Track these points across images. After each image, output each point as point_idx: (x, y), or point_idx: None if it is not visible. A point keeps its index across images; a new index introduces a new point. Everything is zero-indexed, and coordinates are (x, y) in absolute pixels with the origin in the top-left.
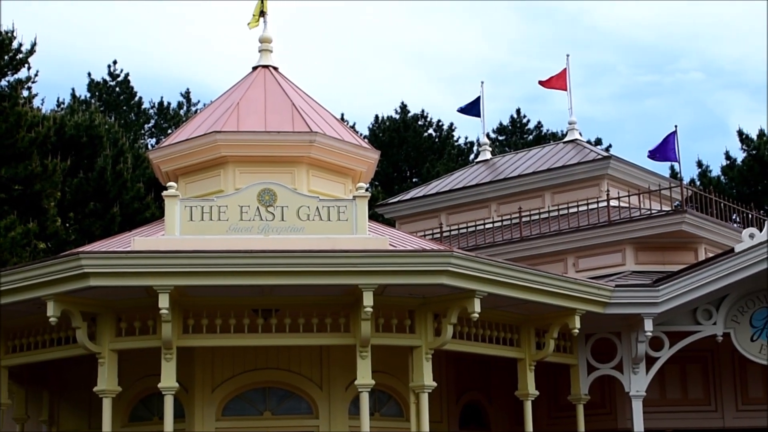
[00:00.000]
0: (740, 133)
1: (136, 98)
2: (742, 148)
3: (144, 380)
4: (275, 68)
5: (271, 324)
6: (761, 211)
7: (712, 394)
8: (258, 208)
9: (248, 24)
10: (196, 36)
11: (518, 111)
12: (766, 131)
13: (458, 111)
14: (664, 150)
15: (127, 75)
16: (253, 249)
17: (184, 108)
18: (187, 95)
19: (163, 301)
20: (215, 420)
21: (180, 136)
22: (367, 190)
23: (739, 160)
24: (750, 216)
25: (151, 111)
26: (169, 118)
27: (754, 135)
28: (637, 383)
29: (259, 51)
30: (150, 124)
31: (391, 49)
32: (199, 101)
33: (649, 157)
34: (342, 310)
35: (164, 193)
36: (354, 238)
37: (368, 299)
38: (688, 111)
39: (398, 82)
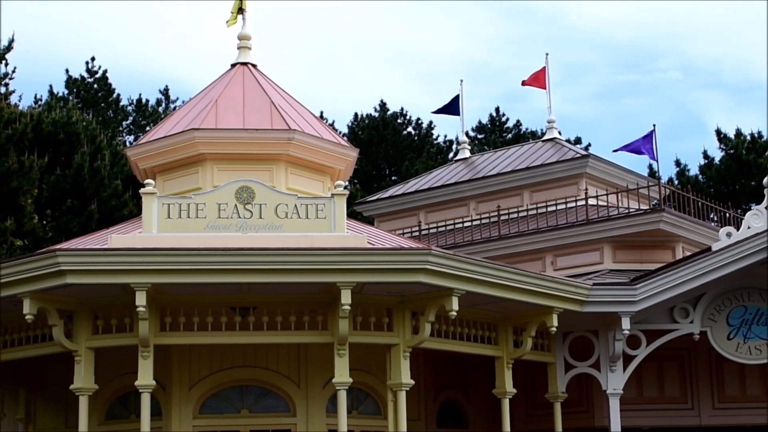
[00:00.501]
0: (718, 132)
1: (114, 95)
2: (720, 148)
3: (121, 378)
4: (254, 65)
5: (249, 322)
6: (738, 210)
7: (689, 392)
8: (236, 205)
9: (227, 21)
10: (175, 33)
11: (497, 109)
12: (743, 131)
13: (434, 113)
14: (642, 147)
15: (105, 72)
16: (230, 247)
17: (163, 105)
18: (165, 92)
19: (140, 299)
20: (192, 418)
21: (158, 134)
22: (345, 188)
23: (717, 160)
24: (727, 215)
25: (129, 108)
26: (148, 115)
27: (732, 134)
28: (615, 381)
29: (238, 48)
30: (128, 121)
31: (371, 47)
32: (177, 98)
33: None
34: (320, 308)
35: (142, 190)
36: (332, 236)
37: (346, 297)
38: (666, 110)
39: (378, 80)
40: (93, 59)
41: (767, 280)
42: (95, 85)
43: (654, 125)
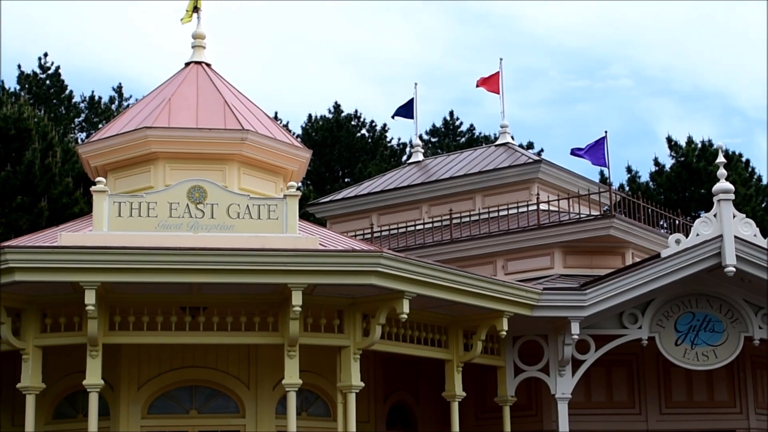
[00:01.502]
0: (669, 140)
1: (67, 92)
2: (670, 155)
3: (69, 377)
4: (208, 65)
5: (199, 322)
6: (688, 218)
7: (637, 397)
8: (188, 205)
9: (181, 19)
10: (129, 30)
11: (451, 113)
12: (694, 139)
13: (393, 116)
14: (593, 153)
15: (58, 68)
16: (181, 246)
17: (116, 103)
18: (119, 90)
19: (90, 298)
20: (141, 418)
21: (110, 131)
22: (298, 189)
23: (667, 167)
24: (677, 222)
25: (81, 105)
26: (100, 112)
27: (682, 142)
28: (563, 386)
29: (193, 47)
30: (80, 118)
31: (326, 48)
32: (131, 96)
33: (573, 152)
34: (270, 309)
35: (93, 188)
36: (284, 237)
37: (297, 298)
38: (617, 117)
39: (332, 81)
40: (46, 55)
41: (715, 287)
42: (47, 81)
43: (606, 131)
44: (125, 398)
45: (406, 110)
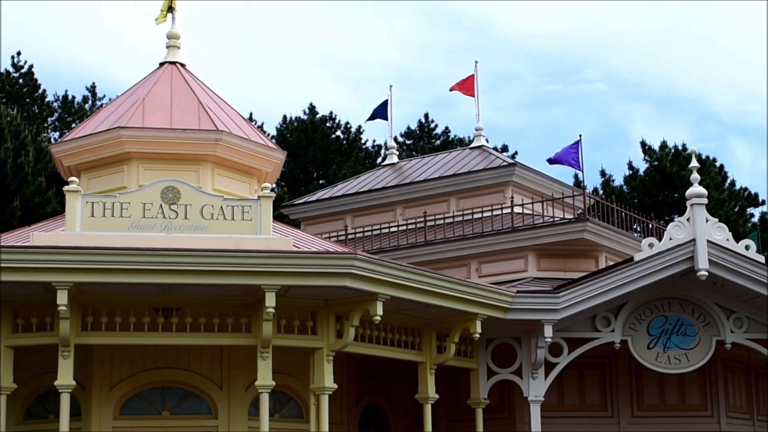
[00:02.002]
0: (643, 144)
1: (40, 91)
2: (644, 159)
3: (40, 377)
4: (183, 65)
5: (172, 323)
6: (661, 222)
7: (609, 400)
8: (161, 205)
9: (156, 19)
10: (103, 29)
11: (426, 116)
12: (668, 143)
13: (368, 119)
14: (567, 157)
15: (31, 67)
16: (154, 247)
17: (89, 102)
18: (92, 89)
19: (62, 298)
20: (112, 419)
21: (83, 131)
22: (272, 190)
23: (641, 171)
24: (650, 226)
25: (55, 104)
26: (74, 112)
27: (656, 146)
28: (536, 388)
29: (167, 47)
30: (54, 118)
31: (301, 50)
32: (104, 96)
33: (549, 161)
34: (244, 311)
35: (66, 188)
36: (258, 239)
37: (270, 300)
38: (591, 120)
39: (307, 83)
40: (19, 54)
41: (688, 290)
42: (20, 80)
43: (580, 135)
44: (97, 399)
45: (381, 112)
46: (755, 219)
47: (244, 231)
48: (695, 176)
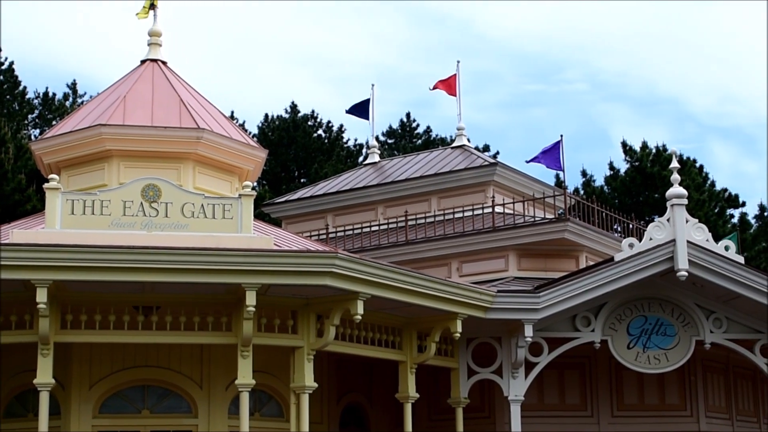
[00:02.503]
0: (624, 144)
1: (20, 87)
2: (625, 160)
3: (19, 376)
4: (164, 62)
5: (152, 321)
6: (642, 222)
7: (589, 400)
8: (142, 203)
9: (137, 14)
10: (84, 26)
11: (408, 115)
12: (649, 144)
13: (347, 112)
14: (548, 157)
15: (11, 63)
16: (134, 245)
17: (70, 99)
18: (73, 87)
19: (41, 296)
20: (92, 417)
21: (64, 128)
22: (253, 188)
23: (622, 171)
24: (631, 226)
25: (35, 101)
26: (54, 109)
27: (637, 147)
28: (516, 388)
29: (149, 44)
30: (34, 115)
31: (282, 49)
32: (85, 93)
33: (530, 160)
34: (224, 309)
35: (46, 185)
36: (238, 237)
37: (251, 299)
38: (572, 121)
39: (289, 82)
40: None
41: (667, 291)
42: (1, 77)
43: (561, 135)
44: (76, 397)
45: (361, 110)
46: (735, 220)
47: (225, 229)
48: (675, 177)
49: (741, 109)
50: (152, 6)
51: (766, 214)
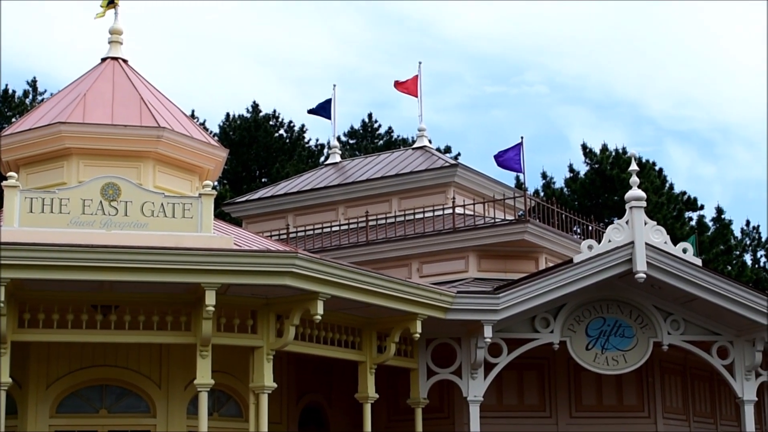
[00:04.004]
0: (584, 147)
1: None
2: (585, 162)
3: None
4: (125, 61)
5: (111, 320)
6: (601, 224)
7: (548, 401)
8: (101, 202)
9: (96, 15)
10: (44, 24)
11: (370, 116)
12: (609, 146)
13: (308, 112)
14: (510, 159)
15: None
16: (93, 244)
17: (30, 97)
18: (33, 84)
19: None
20: (49, 417)
21: (23, 126)
22: (214, 188)
23: (582, 173)
24: (590, 228)
25: None
26: (14, 106)
27: (596, 149)
28: (475, 388)
29: (109, 43)
30: None
31: (243, 48)
32: (45, 91)
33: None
34: (183, 309)
35: (4, 183)
36: (198, 236)
37: (210, 298)
38: (532, 123)
39: (250, 81)
40: None
41: (626, 292)
42: None
43: (522, 137)
44: (33, 397)
45: (323, 110)
46: (693, 223)
47: (185, 229)
48: (634, 179)
49: (698, 113)
50: (112, 3)
51: (723, 217)
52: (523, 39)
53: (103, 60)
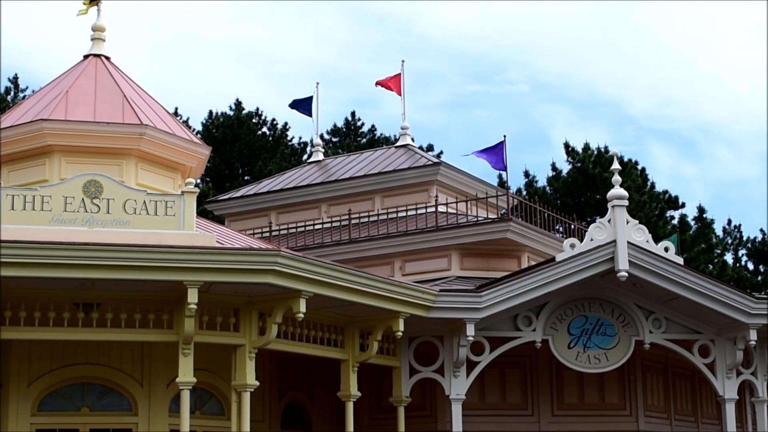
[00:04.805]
0: (566, 145)
1: None
2: (567, 161)
3: None
4: (107, 58)
5: (92, 318)
6: (583, 223)
7: (530, 399)
8: (83, 199)
9: (78, 12)
10: (27, 20)
11: (353, 114)
12: (591, 145)
13: (290, 106)
14: (492, 157)
15: None
16: (75, 241)
17: (12, 94)
18: (15, 81)
19: None
20: (30, 415)
21: (5, 122)
22: (196, 185)
23: (564, 172)
24: (572, 227)
25: None
26: None
27: (579, 148)
28: (458, 387)
29: (92, 39)
30: None
31: (225, 46)
32: (27, 87)
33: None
34: (166, 306)
35: None
36: (181, 234)
37: (193, 296)
38: (514, 121)
39: (233, 79)
40: None
41: (608, 291)
42: None
43: (504, 136)
44: (15, 395)
45: (305, 106)
46: (675, 221)
47: (167, 226)
48: (616, 178)
49: (680, 113)
50: (94, 0)
51: (705, 216)
52: (506, 38)
53: (86, 57)
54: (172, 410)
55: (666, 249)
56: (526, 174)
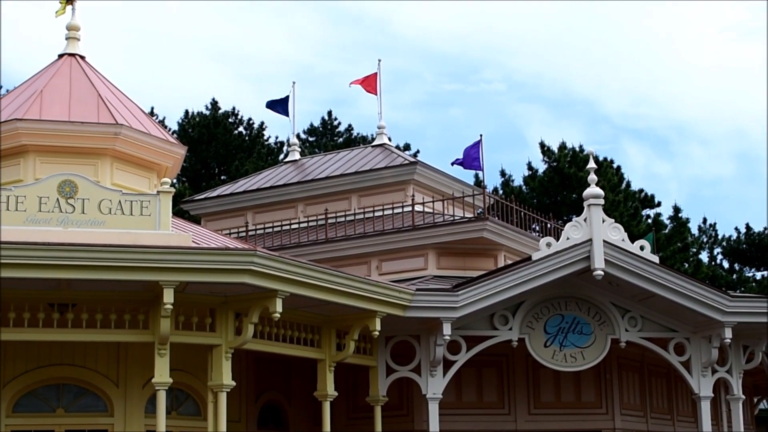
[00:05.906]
0: (542, 145)
1: None
2: (543, 160)
3: None
4: (82, 57)
5: (68, 319)
6: (560, 222)
7: (506, 398)
8: (58, 199)
9: (56, 12)
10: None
11: (330, 113)
12: (567, 144)
13: (267, 106)
14: (469, 158)
15: None
16: (50, 241)
17: None
18: None
19: None
20: (5, 417)
21: None
22: (172, 185)
23: (540, 171)
24: (549, 226)
25: None
26: None
27: (555, 147)
28: (434, 386)
29: (66, 39)
30: None
31: (201, 45)
32: (1, 87)
33: (454, 163)
34: (141, 307)
35: None
36: (156, 234)
37: (168, 296)
38: (489, 120)
39: (209, 78)
40: None
41: (584, 290)
42: None
43: (481, 135)
44: None
45: (281, 106)
46: (650, 220)
47: (143, 226)
48: (592, 177)
49: (654, 112)
50: (70, 0)
51: (680, 214)
52: (481, 37)
53: (60, 56)
54: (149, 411)
55: (642, 248)
56: (503, 173)
